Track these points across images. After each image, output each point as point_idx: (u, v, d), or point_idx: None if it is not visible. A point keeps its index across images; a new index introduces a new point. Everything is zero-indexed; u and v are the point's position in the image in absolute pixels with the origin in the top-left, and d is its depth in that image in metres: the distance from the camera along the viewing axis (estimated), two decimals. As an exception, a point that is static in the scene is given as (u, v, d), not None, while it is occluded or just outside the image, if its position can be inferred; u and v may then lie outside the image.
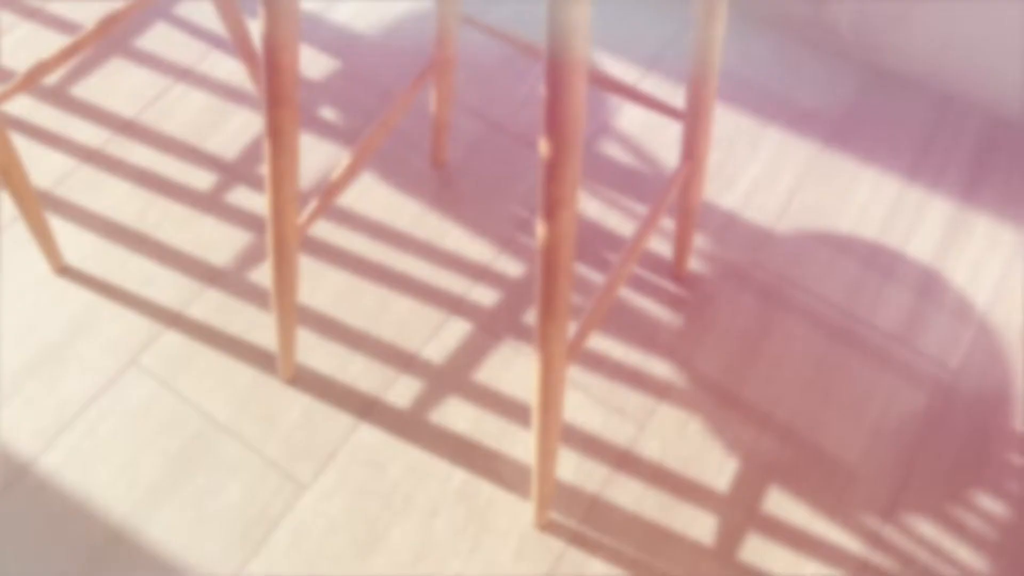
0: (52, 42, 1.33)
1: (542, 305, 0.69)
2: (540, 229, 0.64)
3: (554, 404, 0.78)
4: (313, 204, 0.89)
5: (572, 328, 1.10)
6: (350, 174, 0.92)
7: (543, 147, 0.59)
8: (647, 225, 0.88)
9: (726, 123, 1.27)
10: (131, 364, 1.06)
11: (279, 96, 0.70)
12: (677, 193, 0.99)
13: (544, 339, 0.72)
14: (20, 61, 1.31)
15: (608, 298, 0.84)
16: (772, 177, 1.22)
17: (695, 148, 0.90)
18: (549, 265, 0.66)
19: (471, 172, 1.22)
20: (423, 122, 1.26)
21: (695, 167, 0.93)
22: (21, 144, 1.23)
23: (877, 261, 1.15)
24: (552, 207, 0.62)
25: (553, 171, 0.59)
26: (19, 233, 1.15)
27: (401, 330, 1.09)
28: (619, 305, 1.11)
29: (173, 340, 1.08)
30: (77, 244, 1.15)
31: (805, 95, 1.30)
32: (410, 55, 1.33)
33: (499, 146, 1.24)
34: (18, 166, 1.00)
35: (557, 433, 0.83)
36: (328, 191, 0.90)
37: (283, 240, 0.84)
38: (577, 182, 0.61)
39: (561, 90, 0.55)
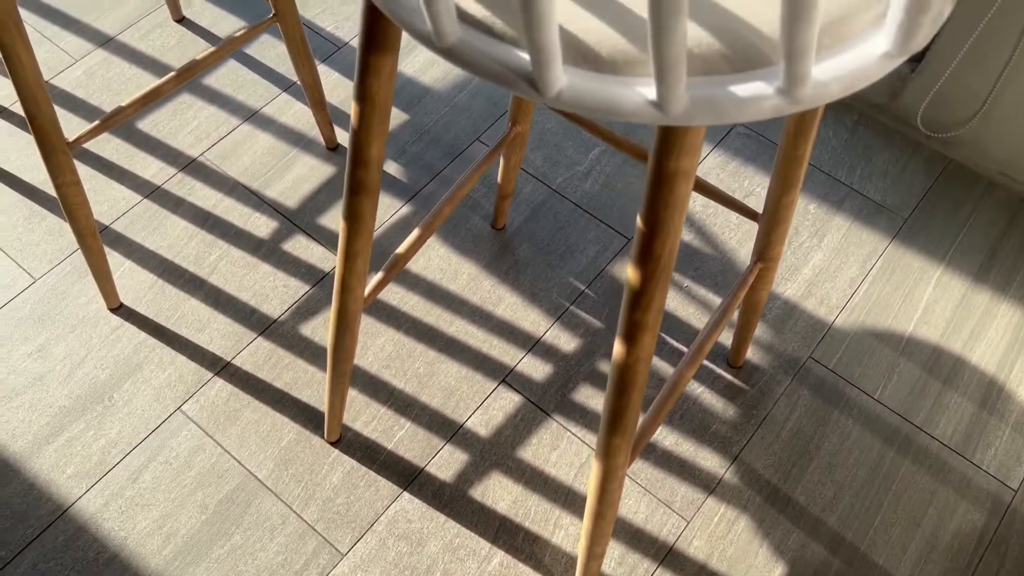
0: (124, 72, 1.34)
1: (610, 419, 0.67)
2: (618, 347, 0.62)
3: (610, 512, 0.76)
4: (377, 276, 0.88)
5: (622, 411, 1.08)
6: (416, 248, 0.91)
7: (632, 273, 0.57)
8: (712, 329, 0.86)
9: (792, 208, 1.25)
10: (177, 411, 1.05)
11: (362, 185, 0.69)
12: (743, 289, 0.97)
13: (607, 451, 0.70)
14: (93, 89, 1.33)
15: (669, 403, 0.82)
16: (836, 268, 1.20)
17: (769, 251, 0.88)
18: (622, 384, 0.64)
19: (530, 238, 1.21)
20: (487, 182, 1.25)
21: (766, 269, 0.91)
22: (86, 175, 1.24)
23: (939, 365, 1.12)
24: (633, 330, 0.60)
25: (640, 298, 0.58)
26: (78, 266, 1.16)
27: (448, 398, 1.08)
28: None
29: (220, 389, 1.07)
30: (134, 282, 1.15)
31: (875, 186, 1.27)
32: (477, 113, 1.33)
33: (560, 214, 1.23)
34: (84, 205, 1.00)
35: (608, 538, 0.81)
36: (394, 264, 0.89)
37: (346, 312, 0.84)
38: (663, 308, 0.60)
39: (661, 223, 0.53)
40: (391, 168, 1.26)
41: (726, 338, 1.13)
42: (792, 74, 0.41)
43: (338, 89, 1.35)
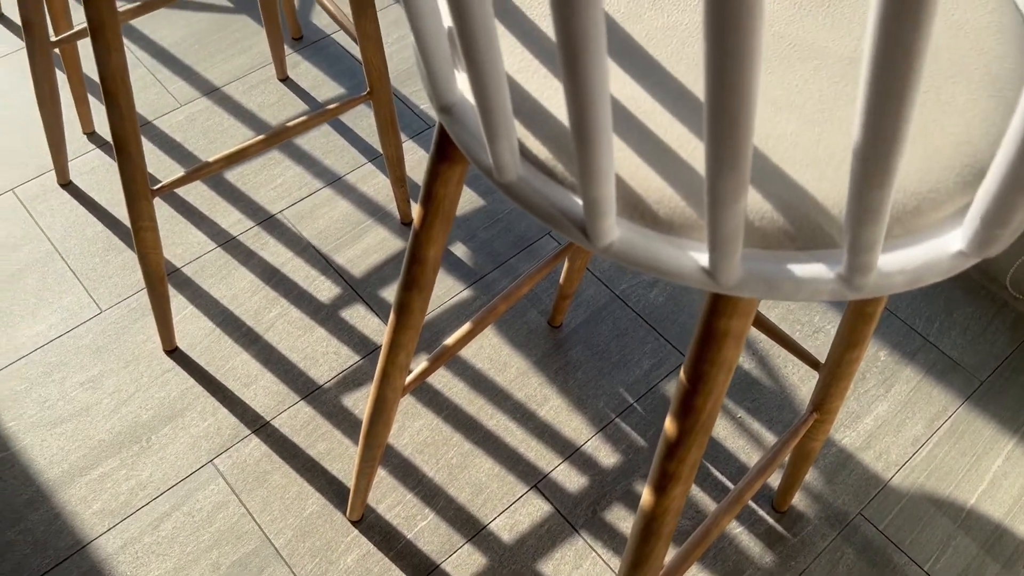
0: (223, 123, 1.40)
1: (631, 563, 0.64)
2: (647, 495, 0.60)
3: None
4: (421, 365, 0.87)
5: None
6: (465, 341, 0.90)
7: (670, 423, 0.55)
8: (758, 474, 0.82)
9: (861, 351, 1.20)
10: (209, 464, 1.06)
11: (415, 282, 0.69)
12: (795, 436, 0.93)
13: (623, 594, 0.67)
14: (191, 135, 1.38)
15: (702, 547, 0.78)
16: (900, 422, 1.14)
17: (826, 404, 0.85)
18: (647, 532, 0.61)
19: (585, 341, 1.19)
20: (550, 277, 1.24)
21: (822, 421, 0.87)
22: (168, 215, 1.28)
23: (1000, 546, 1.05)
24: (665, 481, 0.57)
25: (676, 449, 0.55)
26: (143, 304, 1.19)
27: (477, 494, 1.05)
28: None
29: (255, 449, 1.07)
30: (192, 328, 1.17)
31: (953, 341, 1.22)
32: (553, 208, 1.32)
33: (620, 321, 1.21)
34: (157, 250, 1.03)
35: None
36: (440, 355, 0.88)
37: (383, 401, 0.83)
38: (698, 462, 0.57)
39: (704, 380, 0.51)
40: (458, 250, 1.27)
41: (773, 478, 1.08)
42: (855, 264, 0.39)
43: (421, 166, 1.37)
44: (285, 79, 1.47)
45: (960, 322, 1.24)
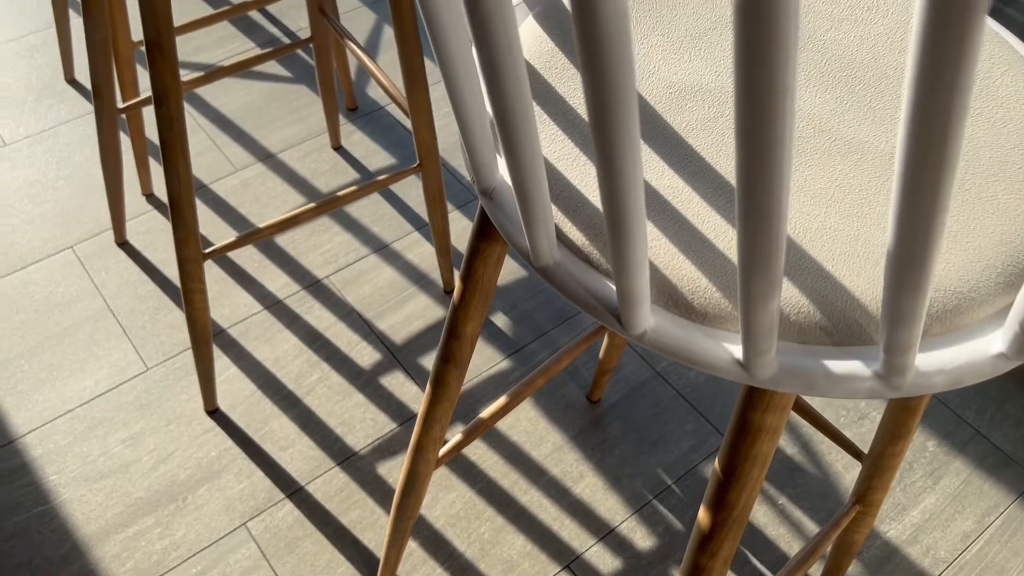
0: (276, 188, 1.44)
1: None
2: (677, 585, 0.58)
3: None
4: (456, 438, 0.87)
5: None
6: (501, 415, 0.90)
7: (703, 516, 0.54)
8: (798, 566, 0.80)
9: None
10: (242, 526, 1.06)
11: (452, 356, 0.70)
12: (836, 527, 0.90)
13: None
14: (244, 199, 1.42)
15: (734, 641, 0.75)
16: (949, 517, 1.10)
17: (869, 496, 0.82)
18: (677, 625, 0.59)
19: (624, 417, 1.18)
20: (590, 351, 1.24)
21: (865, 513, 0.84)
22: (218, 276, 1.31)
23: (1056, 654, 0.99)
24: (696, 573, 0.56)
25: (708, 543, 0.54)
26: (188, 363, 1.21)
27: (508, 572, 1.03)
28: (745, 616, 1.01)
29: (288, 513, 1.07)
30: (234, 388, 1.19)
31: (1005, 434, 1.18)
32: (595, 282, 1.33)
33: (660, 399, 1.20)
34: (204, 312, 1.05)
35: None
36: (475, 428, 0.88)
37: (416, 474, 0.83)
38: (732, 555, 0.56)
39: (738, 474, 0.50)
40: (499, 320, 1.27)
41: (814, 569, 1.04)
42: (891, 364, 0.39)
43: (466, 235, 1.39)
44: (339, 148, 1.51)
45: (1013, 415, 1.20)
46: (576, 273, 0.45)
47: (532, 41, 0.55)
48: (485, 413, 0.89)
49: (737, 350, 0.42)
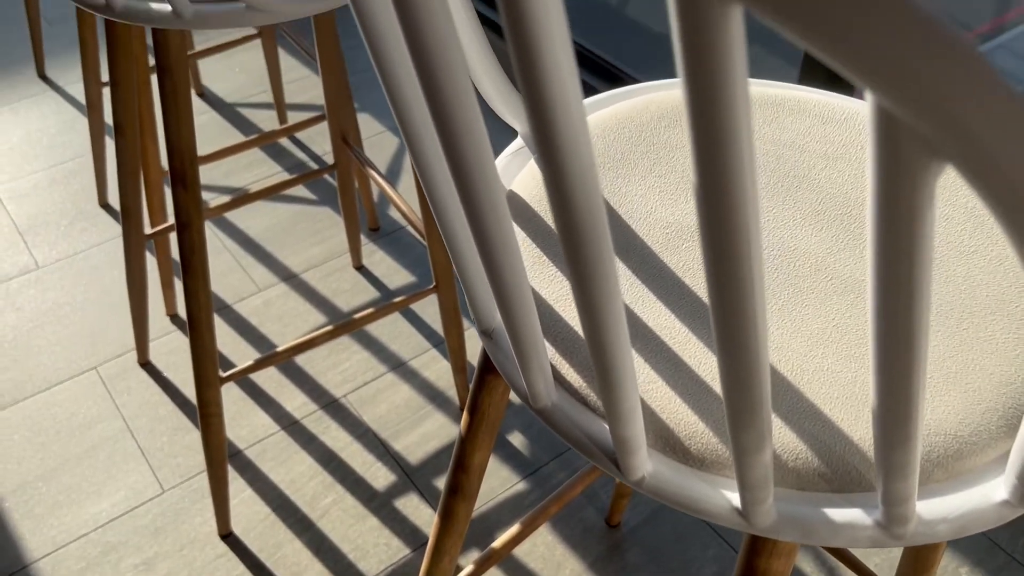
0: (297, 308, 1.46)
1: None
2: None
3: None
4: (467, 570, 0.85)
5: None
6: (514, 544, 0.88)
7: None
8: None
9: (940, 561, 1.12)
10: (251, 658, 1.03)
11: (460, 488, 0.69)
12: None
13: None
14: (266, 319, 1.44)
15: None
16: (987, 650, 1.05)
17: (896, 633, 0.79)
18: None
19: (644, 543, 1.15)
20: (606, 475, 1.22)
21: (893, 650, 0.81)
22: (237, 397, 1.32)
23: None
24: None
25: None
26: (203, 486, 1.21)
27: None
28: None
29: (298, 644, 1.04)
30: (249, 512, 1.18)
31: (1041, 559, 1.13)
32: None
33: (681, 522, 1.17)
34: (220, 435, 1.05)
35: None
36: (487, 558, 0.86)
37: (426, 606, 0.81)
38: None
39: (745, 620, 0.49)
40: (516, 440, 1.26)
41: None
42: (891, 514, 0.38)
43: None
44: (360, 267, 1.54)
45: (1048, 538, 1.16)
46: (573, 415, 0.45)
47: (533, 182, 0.57)
48: (497, 543, 0.88)
49: (736, 497, 0.41)
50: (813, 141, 0.59)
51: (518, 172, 0.59)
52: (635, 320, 0.48)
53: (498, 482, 1.22)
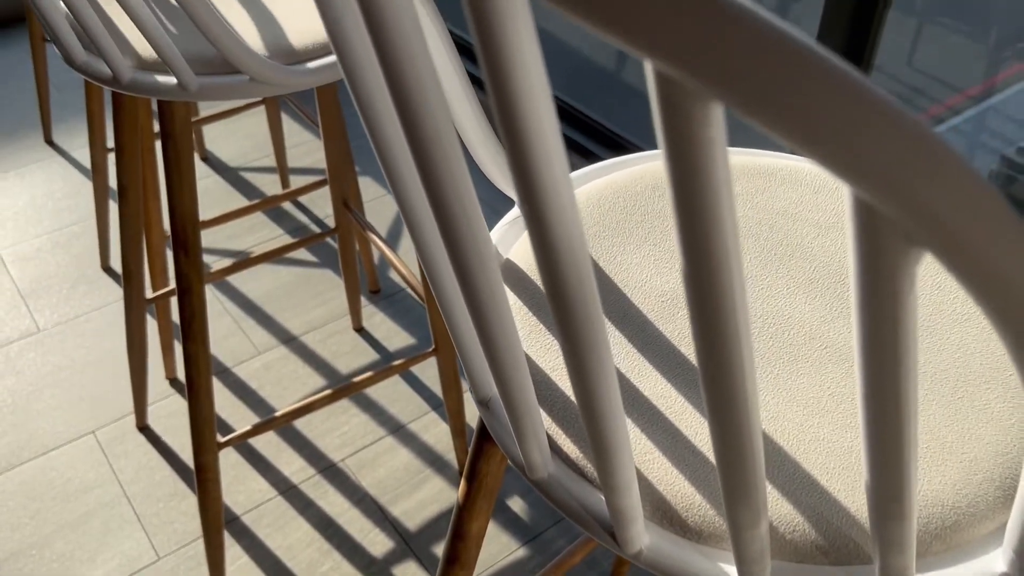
0: (297, 371, 1.46)
1: None
2: None
3: None
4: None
5: None
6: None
7: None
8: None
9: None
10: None
11: (457, 558, 0.68)
12: None
13: None
14: (265, 382, 1.44)
15: None
16: None
17: None
18: None
19: (646, 611, 1.13)
20: (608, 540, 1.21)
21: None
22: (234, 461, 1.31)
23: None
24: None
25: None
26: (199, 552, 1.19)
27: None
28: None
29: None
30: (244, 579, 1.16)
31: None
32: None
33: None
34: (217, 502, 1.05)
35: None
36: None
37: None
38: None
39: None
40: (516, 504, 1.25)
41: None
42: (890, 588, 0.38)
43: (483, 417, 1.39)
44: (360, 329, 1.55)
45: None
46: (570, 487, 0.45)
47: (530, 251, 0.58)
48: (497, 611, 0.86)
49: (734, 570, 0.41)
50: (806, 210, 0.60)
51: (515, 241, 0.60)
52: (631, 390, 0.48)
53: (498, 548, 1.20)
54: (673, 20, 0.19)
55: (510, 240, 0.60)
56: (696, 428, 0.46)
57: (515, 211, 0.62)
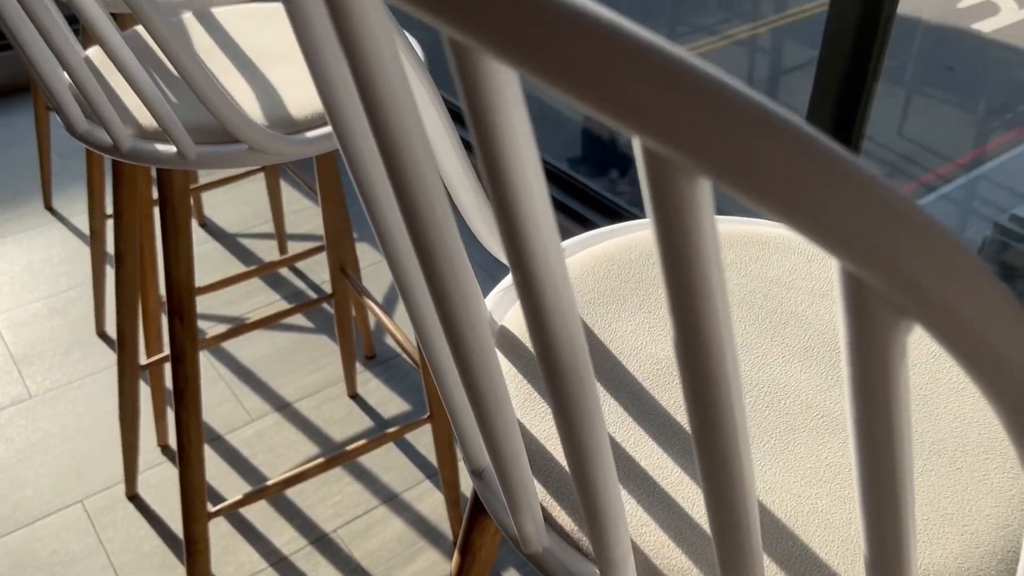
0: (291, 438, 1.45)
1: None
2: None
3: None
4: None
5: None
6: None
7: None
8: None
9: None
10: None
11: (450, 633, 0.67)
12: None
13: None
14: (258, 450, 1.42)
15: None
16: None
17: None
18: None
19: None
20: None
21: None
22: (224, 531, 1.29)
23: None
24: None
25: None
26: (186, 626, 1.16)
27: None
28: None
29: None
30: (232, 654, 1.13)
31: None
32: None
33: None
34: (206, 571, 1.02)
35: None
36: None
37: None
38: None
39: None
40: (513, 578, 1.23)
41: None
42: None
43: (478, 485, 1.37)
44: (355, 395, 1.53)
45: None
46: (566, 560, 0.44)
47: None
48: None
49: (733, 648, 0.40)
50: (799, 278, 0.60)
51: (510, 307, 0.60)
52: (627, 459, 0.48)
53: (493, 622, 1.17)
54: (662, 99, 0.19)
55: (505, 306, 0.60)
56: (692, 499, 0.46)
57: (509, 278, 0.62)
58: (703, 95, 0.19)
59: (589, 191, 1.81)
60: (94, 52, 0.90)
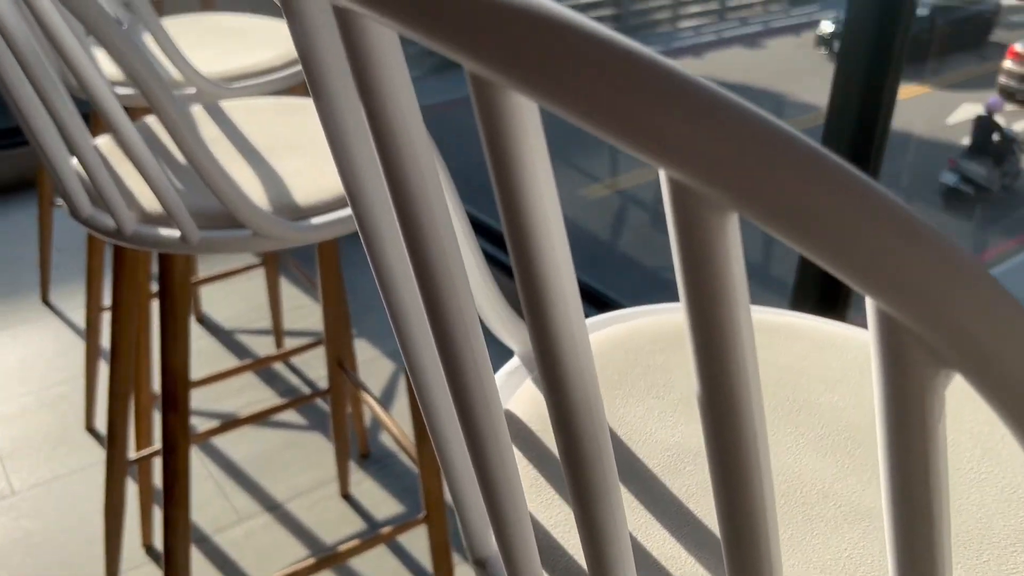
0: (280, 541, 1.40)
1: None
2: None
3: None
4: None
5: None
6: None
7: None
8: None
9: None
10: None
11: None
12: None
13: None
14: (246, 552, 1.37)
15: None
16: None
17: None
18: None
19: None
20: None
21: None
22: (208, 638, 1.22)
23: None
24: None
25: None
26: None
27: None
28: None
29: None
30: None
31: None
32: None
33: None
34: None
35: None
36: None
37: None
38: None
39: None
40: None
41: None
42: None
43: (474, 591, 1.31)
44: (347, 495, 1.49)
45: None
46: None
47: (531, 403, 0.57)
48: None
49: None
50: (811, 365, 0.59)
51: (515, 391, 0.59)
52: (640, 549, 0.46)
53: None
54: (691, 131, 0.18)
55: (509, 391, 0.59)
56: (708, 592, 0.43)
57: (515, 360, 0.61)
58: (737, 128, 0.18)
59: (586, 288, 1.82)
60: (102, 141, 0.92)
